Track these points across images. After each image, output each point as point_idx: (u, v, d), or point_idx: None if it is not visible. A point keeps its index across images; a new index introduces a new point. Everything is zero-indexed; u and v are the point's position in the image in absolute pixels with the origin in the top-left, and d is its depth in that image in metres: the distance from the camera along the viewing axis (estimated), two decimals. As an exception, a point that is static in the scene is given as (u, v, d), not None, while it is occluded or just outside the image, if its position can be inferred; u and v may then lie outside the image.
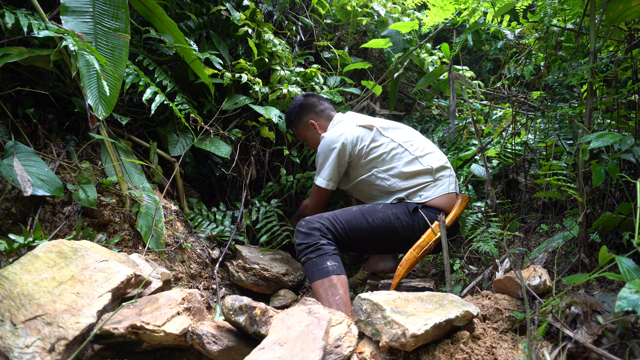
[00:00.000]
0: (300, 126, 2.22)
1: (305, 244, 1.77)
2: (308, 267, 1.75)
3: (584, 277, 1.18)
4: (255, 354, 1.04)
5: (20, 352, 1.01)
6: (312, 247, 1.76)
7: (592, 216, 1.55)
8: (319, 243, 1.76)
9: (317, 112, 2.21)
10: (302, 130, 2.23)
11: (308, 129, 2.21)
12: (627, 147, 1.28)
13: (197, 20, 2.38)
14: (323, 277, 1.69)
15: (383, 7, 2.90)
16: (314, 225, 1.81)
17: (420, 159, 1.98)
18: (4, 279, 1.17)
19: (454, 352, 1.18)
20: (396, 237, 1.88)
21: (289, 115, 2.24)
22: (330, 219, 1.85)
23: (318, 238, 1.78)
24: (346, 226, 1.84)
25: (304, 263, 1.77)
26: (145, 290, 1.43)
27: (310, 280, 1.74)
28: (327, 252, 1.74)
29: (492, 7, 1.98)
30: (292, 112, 2.23)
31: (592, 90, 1.50)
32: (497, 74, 3.21)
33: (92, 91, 1.69)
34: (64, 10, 1.69)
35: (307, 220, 1.85)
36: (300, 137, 2.29)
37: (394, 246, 1.95)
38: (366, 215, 1.88)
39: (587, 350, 1.14)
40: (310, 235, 1.79)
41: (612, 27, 1.52)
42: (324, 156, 2.02)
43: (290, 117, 2.24)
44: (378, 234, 1.87)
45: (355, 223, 1.86)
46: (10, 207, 1.57)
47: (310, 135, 2.22)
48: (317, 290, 1.70)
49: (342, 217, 1.87)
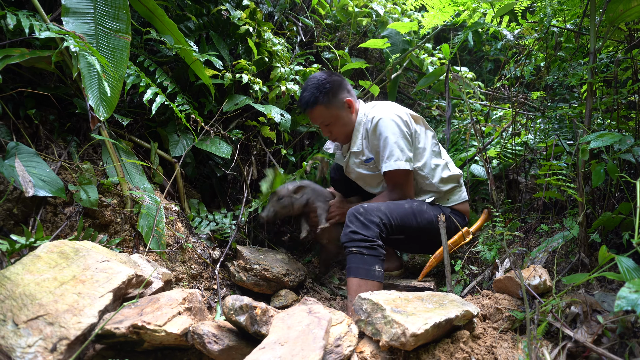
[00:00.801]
0: (335, 104, 1.98)
1: (362, 236, 1.72)
2: (355, 259, 1.70)
3: (584, 276, 1.18)
4: (256, 353, 1.05)
5: (23, 352, 1.02)
6: (367, 242, 1.71)
7: (592, 216, 1.56)
8: (376, 242, 1.72)
9: (351, 92, 2.05)
10: (335, 109, 1.98)
11: (343, 108, 2.00)
12: (626, 147, 1.28)
13: (197, 21, 2.39)
14: (368, 278, 1.67)
15: (383, 7, 2.91)
16: (373, 218, 1.75)
17: (449, 164, 2.06)
18: (6, 279, 1.18)
19: (454, 352, 1.18)
20: (432, 238, 1.91)
21: (316, 92, 1.95)
22: (387, 214, 1.79)
23: (376, 235, 1.73)
24: (399, 223, 1.81)
25: (351, 252, 1.72)
26: (147, 290, 1.44)
27: (351, 272, 1.70)
28: (379, 255, 1.72)
29: (491, 8, 1.98)
30: (322, 88, 1.95)
31: (592, 91, 1.51)
32: (497, 74, 3.21)
33: (93, 92, 1.70)
34: (65, 12, 1.69)
35: (367, 209, 1.78)
36: (327, 117, 2.00)
37: (427, 246, 1.98)
38: (416, 214, 1.87)
39: (587, 349, 1.14)
40: (368, 228, 1.73)
41: (612, 27, 1.52)
42: (385, 136, 1.88)
43: (318, 94, 1.95)
44: (421, 234, 1.89)
45: (407, 221, 1.84)
46: (12, 208, 1.58)
47: (344, 115, 2.01)
48: (353, 286, 1.67)
49: (397, 213, 1.82)
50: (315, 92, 1.95)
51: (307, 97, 1.96)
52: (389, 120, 1.90)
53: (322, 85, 1.95)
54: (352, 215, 1.78)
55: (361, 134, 2.01)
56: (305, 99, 1.97)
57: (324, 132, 2.08)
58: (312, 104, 1.96)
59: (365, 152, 2.01)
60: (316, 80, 1.98)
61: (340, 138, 2.08)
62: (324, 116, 1.99)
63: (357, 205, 1.83)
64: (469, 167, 2.40)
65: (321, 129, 2.07)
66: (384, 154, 1.89)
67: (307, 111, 2.00)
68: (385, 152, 1.89)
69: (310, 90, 1.96)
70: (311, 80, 2.00)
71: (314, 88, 1.96)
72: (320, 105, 1.96)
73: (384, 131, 1.89)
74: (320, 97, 1.95)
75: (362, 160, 2.03)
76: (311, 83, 1.98)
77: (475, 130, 2.08)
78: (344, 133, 2.05)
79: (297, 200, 2.16)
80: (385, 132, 1.89)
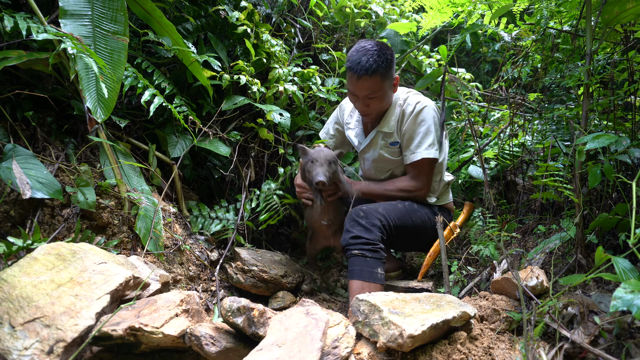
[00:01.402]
0: (388, 77, 1.84)
1: (365, 239, 1.72)
2: (358, 262, 1.69)
3: (580, 277, 1.19)
4: (254, 355, 1.05)
5: (19, 354, 1.02)
6: (370, 245, 1.71)
7: (589, 217, 1.56)
8: (378, 246, 1.72)
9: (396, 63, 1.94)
10: (387, 83, 1.85)
11: (391, 84, 1.89)
12: (623, 148, 1.28)
13: (195, 22, 2.39)
14: (371, 281, 1.67)
15: (381, 8, 2.91)
16: (374, 221, 1.75)
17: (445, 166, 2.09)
18: (3, 281, 1.17)
19: (451, 353, 1.18)
20: (425, 237, 1.94)
21: (379, 60, 1.78)
22: (386, 216, 1.79)
23: (378, 238, 1.73)
24: (397, 223, 1.82)
25: (354, 254, 1.71)
26: (144, 292, 1.44)
27: (353, 275, 1.69)
28: (381, 258, 1.73)
29: (489, 10, 1.99)
30: (384, 57, 1.79)
31: (589, 92, 1.51)
32: (494, 76, 3.22)
33: (91, 94, 1.70)
34: (62, 14, 1.69)
35: (366, 212, 1.78)
36: (377, 89, 1.83)
37: (420, 245, 2.00)
38: (410, 213, 1.88)
39: (584, 350, 1.14)
40: (370, 231, 1.73)
41: (607, 29, 1.53)
42: (429, 124, 1.87)
43: (380, 63, 1.78)
44: (416, 233, 1.91)
45: (404, 220, 1.85)
46: (9, 210, 1.58)
47: (389, 93, 1.90)
48: (356, 289, 1.66)
49: (394, 214, 1.83)
50: (378, 59, 1.77)
51: (369, 63, 1.76)
52: (432, 109, 1.90)
53: (385, 54, 1.79)
54: (352, 220, 1.77)
55: (395, 116, 1.96)
56: (367, 64, 1.76)
57: (361, 104, 1.90)
58: (372, 72, 1.77)
59: (394, 135, 1.96)
60: (378, 47, 1.80)
61: (374, 115, 1.96)
62: (376, 87, 1.82)
63: (356, 208, 1.82)
64: (467, 169, 2.40)
65: (361, 100, 1.88)
66: (425, 140, 1.87)
67: (362, 77, 1.79)
68: (426, 139, 1.88)
69: (372, 55, 1.77)
70: (370, 47, 1.80)
71: (375, 54, 1.77)
72: (377, 75, 1.79)
73: (428, 119, 1.88)
74: (381, 66, 1.78)
75: (387, 142, 1.98)
76: (372, 49, 1.79)
77: (473, 132, 2.09)
78: (381, 110, 1.95)
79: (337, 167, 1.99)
80: (429, 120, 1.88)
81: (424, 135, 1.88)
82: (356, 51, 1.82)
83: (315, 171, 1.85)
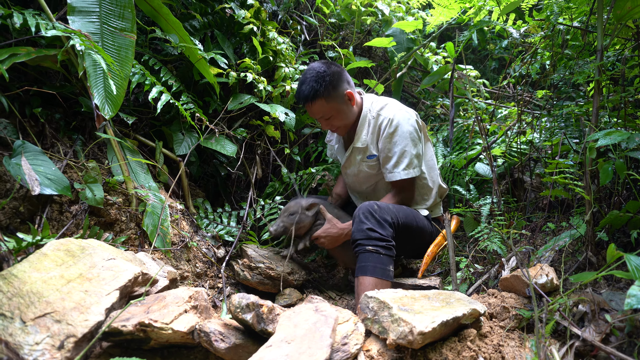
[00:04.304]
0: (334, 97, 1.87)
1: (379, 234, 1.69)
2: (372, 258, 1.66)
3: (591, 275, 1.18)
4: (263, 351, 1.05)
5: (30, 349, 1.02)
6: (384, 242, 1.69)
7: (599, 214, 1.55)
8: (391, 243, 1.72)
9: (350, 83, 1.93)
10: (336, 103, 1.88)
11: (343, 101, 1.91)
12: (634, 144, 1.27)
13: (202, 19, 2.39)
14: (384, 278, 1.65)
15: (387, 6, 2.90)
16: (387, 217, 1.74)
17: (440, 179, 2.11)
18: (13, 277, 1.18)
19: (461, 350, 1.18)
20: (423, 241, 1.97)
21: (316, 85, 1.83)
22: (396, 214, 1.79)
23: (391, 235, 1.72)
24: (405, 222, 1.82)
25: (368, 250, 1.68)
26: (152, 288, 1.44)
27: (367, 271, 1.65)
28: (393, 255, 1.72)
29: (497, 6, 1.98)
30: (321, 81, 1.83)
31: (599, 89, 1.50)
32: (502, 73, 3.20)
33: (99, 91, 1.70)
34: (70, 11, 1.69)
35: (381, 207, 1.76)
36: (327, 111, 1.90)
37: (417, 249, 2.01)
38: (415, 216, 1.91)
39: (595, 348, 1.13)
40: (383, 226, 1.71)
41: (619, 25, 1.51)
42: (404, 143, 1.85)
43: (317, 87, 1.83)
44: (417, 236, 1.93)
45: (410, 221, 1.86)
46: (18, 206, 1.58)
47: (345, 109, 1.92)
48: (369, 285, 1.63)
49: (402, 213, 1.83)
50: (315, 85, 1.83)
51: (306, 91, 1.85)
52: (407, 125, 1.87)
53: (322, 77, 1.83)
54: (367, 212, 1.74)
55: (367, 130, 1.96)
56: (304, 93, 1.85)
57: (323, 125, 1.99)
58: (311, 98, 1.85)
59: (370, 148, 1.97)
60: (315, 72, 1.85)
61: (341, 130, 2.02)
62: (324, 110, 1.90)
63: (370, 202, 1.81)
64: (474, 166, 2.39)
65: (320, 122, 1.99)
66: (402, 161, 1.88)
67: (306, 105, 1.89)
68: (402, 159, 1.88)
69: (309, 83, 1.84)
70: (309, 71, 1.87)
71: (312, 81, 1.83)
72: (319, 99, 1.85)
73: (403, 138, 1.86)
74: (319, 90, 1.83)
75: (365, 157, 2.00)
76: (309, 75, 1.85)
77: (480, 129, 2.07)
78: (345, 126, 1.99)
79: (308, 218, 2.07)
80: (404, 139, 1.86)
81: (400, 156, 1.87)
82: (299, 79, 1.92)
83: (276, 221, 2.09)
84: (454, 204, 2.41)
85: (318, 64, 1.89)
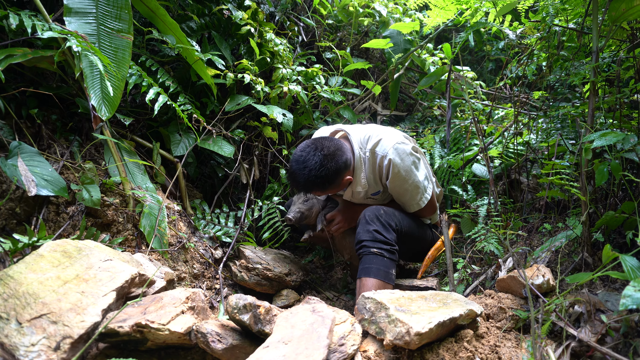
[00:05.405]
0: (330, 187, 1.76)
1: (384, 238, 1.71)
2: (376, 260, 1.67)
3: (587, 276, 1.18)
4: (260, 352, 1.05)
5: (26, 351, 1.02)
6: (389, 246, 1.71)
7: (595, 215, 1.56)
8: (396, 247, 1.74)
9: (347, 162, 1.77)
10: (329, 190, 1.80)
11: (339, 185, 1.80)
12: (630, 146, 1.28)
13: (199, 21, 2.39)
14: (387, 281, 1.68)
15: (385, 7, 2.91)
16: (391, 222, 1.76)
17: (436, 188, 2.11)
18: (9, 278, 1.17)
19: (457, 351, 1.18)
20: (422, 247, 2.01)
21: (309, 185, 1.70)
22: (401, 221, 1.81)
23: (395, 239, 1.75)
24: (407, 230, 1.85)
25: (373, 252, 1.68)
26: (149, 289, 1.44)
27: (371, 273, 1.65)
28: (396, 260, 1.74)
29: (493, 7, 1.98)
30: (316, 181, 1.68)
31: (595, 90, 1.51)
32: (499, 74, 3.21)
33: (96, 92, 1.70)
34: (67, 12, 1.69)
35: (386, 212, 1.78)
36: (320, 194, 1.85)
37: (417, 254, 2.04)
38: (417, 224, 1.95)
39: (591, 348, 1.14)
40: (388, 230, 1.74)
41: (614, 26, 1.52)
42: (411, 176, 1.79)
43: (311, 186, 1.71)
44: (418, 242, 1.97)
45: (412, 229, 1.90)
46: (14, 207, 1.58)
47: (345, 183, 1.83)
48: (371, 286, 1.63)
49: (406, 221, 1.86)
50: (308, 184, 1.70)
51: (301, 184, 1.71)
52: (406, 157, 1.78)
53: (315, 178, 1.67)
54: (373, 215, 1.75)
55: (364, 172, 1.84)
56: (300, 185, 1.72)
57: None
58: (309, 189, 1.74)
59: (372, 187, 1.89)
60: (307, 170, 1.66)
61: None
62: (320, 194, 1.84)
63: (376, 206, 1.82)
64: (471, 167, 2.40)
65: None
66: (416, 194, 1.85)
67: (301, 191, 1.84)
68: (416, 192, 1.85)
69: (303, 177, 1.68)
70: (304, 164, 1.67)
71: (305, 178, 1.68)
72: (316, 191, 1.76)
73: (408, 172, 1.78)
74: (318, 183, 1.70)
75: (368, 194, 1.93)
76: (304, 172, 1.67)
77: (477, 130, 2.08)
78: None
79: (320, 202, 2.03)
80: (409, 172, 1.79)
81: (413, 189, 1.83)
82: (295, 161, 1.70)
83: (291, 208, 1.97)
84: (452, 205, 2.42)
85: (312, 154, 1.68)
